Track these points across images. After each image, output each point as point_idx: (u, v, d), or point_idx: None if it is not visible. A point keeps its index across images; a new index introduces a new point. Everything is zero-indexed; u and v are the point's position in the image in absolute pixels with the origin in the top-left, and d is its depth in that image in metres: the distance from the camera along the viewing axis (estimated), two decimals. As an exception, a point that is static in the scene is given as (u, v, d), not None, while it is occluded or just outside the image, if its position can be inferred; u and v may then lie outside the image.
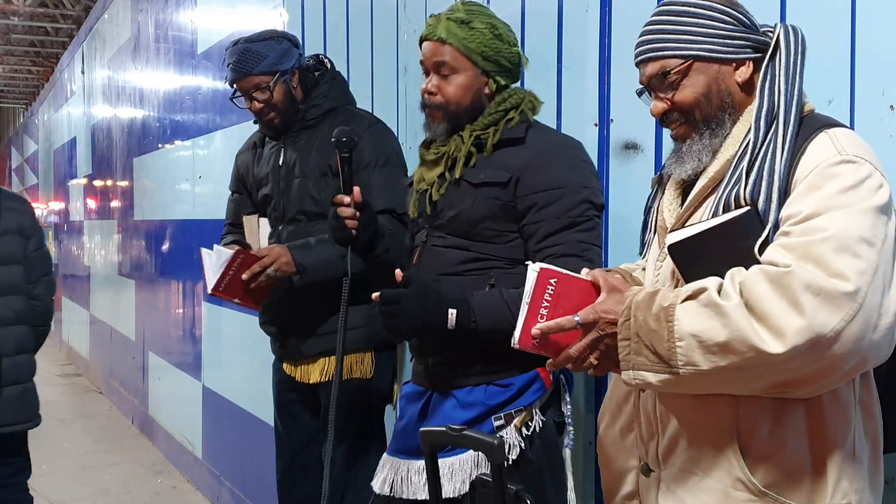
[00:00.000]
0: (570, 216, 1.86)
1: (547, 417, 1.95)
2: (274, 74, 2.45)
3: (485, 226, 1.91)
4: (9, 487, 3.09)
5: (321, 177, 2.45)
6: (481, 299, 1.86)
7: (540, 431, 1.93)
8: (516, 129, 1.93)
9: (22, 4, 10.39)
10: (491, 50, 1.91)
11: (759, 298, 1.20)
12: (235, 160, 2.77)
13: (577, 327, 1.33)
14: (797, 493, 1.31)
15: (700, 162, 1.42)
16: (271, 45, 2.47)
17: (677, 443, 1.40)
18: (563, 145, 1.94)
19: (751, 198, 1.31)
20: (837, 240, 1.20)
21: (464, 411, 1.93)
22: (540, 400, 1.94)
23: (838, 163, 1.26)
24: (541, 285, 1.28)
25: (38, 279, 3.12)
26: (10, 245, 3.02)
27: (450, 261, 1.95)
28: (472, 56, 1.91)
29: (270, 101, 2.47)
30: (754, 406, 1.32)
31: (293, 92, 2.50)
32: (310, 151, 2.49)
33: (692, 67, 1.40)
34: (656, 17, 1.44)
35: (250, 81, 2.46)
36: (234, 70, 2.47)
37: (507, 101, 1.94)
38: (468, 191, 1.93)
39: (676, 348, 1.25)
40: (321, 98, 2.53)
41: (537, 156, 1.90)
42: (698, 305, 1.25)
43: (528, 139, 1.93)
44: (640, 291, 1.33)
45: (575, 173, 1.89)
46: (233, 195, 2.78)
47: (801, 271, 1.19)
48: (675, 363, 1.25)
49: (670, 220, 1.48)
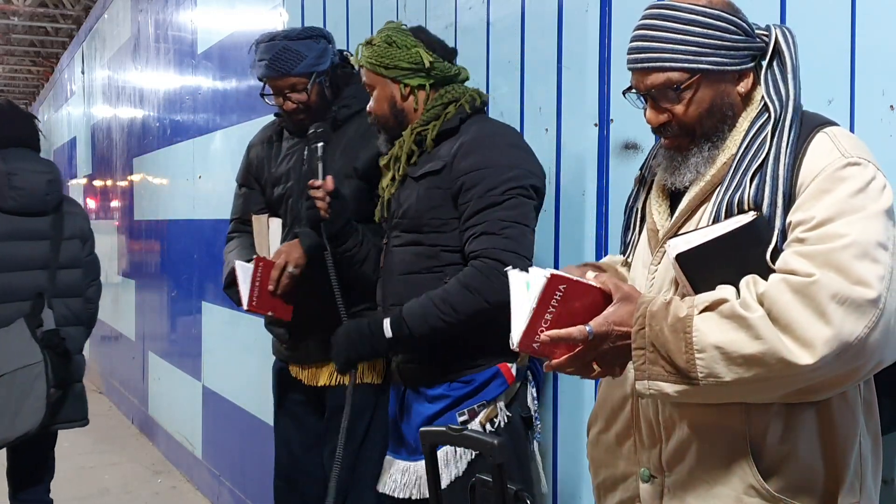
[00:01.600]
0: (493, 195, 1.94)
1: (513, 412, 2.00)
2: (311, 75, 2.38)
3: (431, 216, 2.01)
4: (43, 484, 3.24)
5: (345, 179, 2.37)
6: (409, 305, 1.98)
7: (506, 426, 1.96)
8: (451, 121, 2.05)
9: (22, 4, 10.38)
10: (387, 59, 2.06)
11: (784, 309, 1.19)
12: (247, 152, 2.66)
13: (588, 338, 1.29)
14: (810, 496, 1.30)
15: (698, 173, 1.40)
16: (310, 45, 2.38)
17: (684, 449, 1.38)
18: (494, 132, 2.04)
19: (754, 203, 1.29)
20: (859, 246, 1.19)
21: (430, 405, 2.03)
22: (504, 395, 2.01)
23: (845, 166, 1.25)
24: (548, 291, 1.25)
25: (90, 282, 3.27)
26: (74, 249, 3.18)
27: (406, 260, 2.05)
28: (377, 70, 2.08)
29: (306, 101, 2.40)
30: (765, 411, 1.30)
31: (326, 92, 2.44)
32: (335, 152, 2.42)
33: (699, 82, 1.35)
34: (656, 22, 1.36)
35: (287, 81, 2.38)
36: (271, 68, 2.38)
37: (444, 97, 2.07)
38: (412, 186, 2.05)
39: (696, 360, 1.23)
40: (351, 98, 2.46)
41: (468, 142, 2.00)
42: (719, 317, 1.23)
43: (462, 128, 2.04)
44: (655, 300, 1.29)
45: (502, 155, 1.98)
46: (241, 188, 2.67)
47: (826, 280, 1.18)
48: (695, 375, 1.23)
49: (661, 224, 1.46)
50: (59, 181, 3.19)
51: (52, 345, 2.97)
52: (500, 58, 2.41)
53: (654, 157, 1.52)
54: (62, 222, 3.14)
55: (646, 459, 1.45)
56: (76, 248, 3.18)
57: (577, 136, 2.17)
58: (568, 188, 2.15)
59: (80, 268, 3.19)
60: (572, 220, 2.17)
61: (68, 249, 3.14)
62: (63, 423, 3.12)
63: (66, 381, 3.05)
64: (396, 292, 2.06)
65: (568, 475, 2.20)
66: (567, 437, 2.20)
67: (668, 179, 1.44)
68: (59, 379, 2.99)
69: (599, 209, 2.11)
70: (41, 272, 3.06)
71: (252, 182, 2.62)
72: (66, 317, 3.09)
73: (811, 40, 1.61)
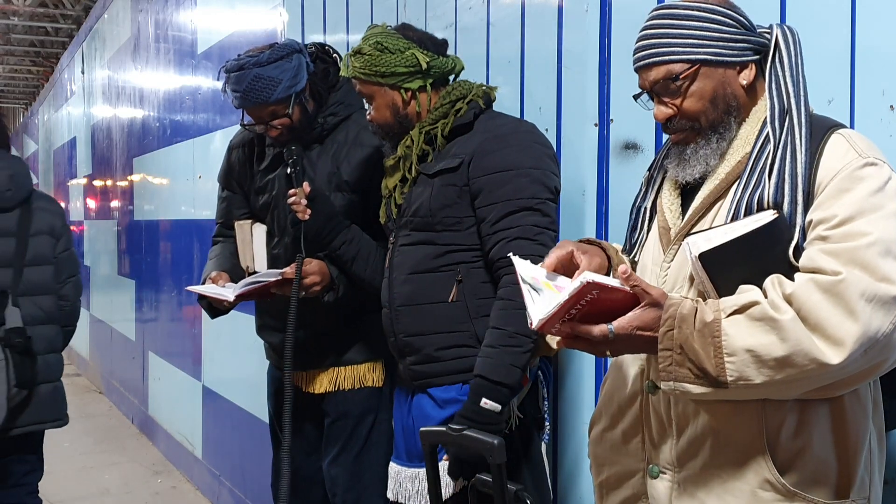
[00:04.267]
0: (523, 198, 1.89)
1: (525, 414, 1.97)
2: (290, 98, 2.26)
3: (444, 214, 1.96)
4: (21, 488, 3.11)
5: (335, 190, 2.32)
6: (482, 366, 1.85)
7: (518, 428, 1.95)
8: (464, 117, 2.00)
9: (22, 4, 10.38)
10: (382, 66, 1.99)
11: (814, 309, 1.20)
12: (228, 153, 2.56)
13: (609, 337, 1.29)
14: (824, 490, 1.32)
15: (708, 165, 1.42)
16: (283, 67, 2.24)
17: (698, 445, 1.38)
18: (513, 128, 1.99)
19: (774, 201, 1.31)
20: (882, 244, 1.21)
21: (441, 410, 1.97)
22: (518, 397, 1.95)
23: (863, 166, 1.28)
24: (581, 292, 1.26)
25: (66, 280, 3.18)
26: (42, 246, 3.09)
27: (417, 258, 2.00)
28: (373, 79, 2.01)
29: (289, 124, 2.30)
30: (780, 406, 1.32)
31: (308, 107, 2.33)
32: (322, 161, 2.36)
33: (699, 72, 1.39)
34: (657, 21, 1.42)
35: (265, 109, 2.27)
36: (247, 100, 2.25)
37: (452, 94, 2.02)
38: (426, 183, 2.00)
39: (726, 364, 1.24)
40: (337, 105, 2.38)
41: (488, 139, 1.95)
42: (749, 320, 1.24)
43: (477, 125, 2.00)
44: (684, 303, 1.29)
45: (526, 155, 1.93)
46: (223, 191, 2.59)
47: (853, 278, 1.20)
48: (724, 378, 1.24)
49: (673, 222, 1.47)
50: (23, 176, 3.08)
51: (12, 344, 2.87)
52: (500, 58, 2.41)
53: (665, 156, 1.54)
54: (30, 219, 3.04)
55: (656, 456, 1.46)
56: (46, 245, 3.08)
57: (577, 136, 2.17)
58: (568, 188, 2.15)
59: (51, 265, 3.09)
60: (572, 220, 2.17)
61: (36, 246, 3.05)
62: (34, 423, 3.01)
63: (31, 381, 2.95)
64: (404, 292, 2.01)
65: (568, 475, 2.20)
66: (567, 438, 2.20)
67: (679, 174, 1.45)
68: (23, 379, 2.90)
69: (599, 209, 2.11)
70: (5, 270, 2.97)
71: (234, 186, 2.55)
72: (35, 315, 3.01)
73: (811, 40, 1.61)
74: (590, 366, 2.11)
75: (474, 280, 1.96)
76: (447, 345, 1.97)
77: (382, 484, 2.18)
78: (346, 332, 2.40)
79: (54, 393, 3.10)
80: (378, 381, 2.42)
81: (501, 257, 1.88)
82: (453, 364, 1.97)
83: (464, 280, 1.95)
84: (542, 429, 2.04)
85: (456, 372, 1.96)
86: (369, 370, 2.40)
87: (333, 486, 2.43)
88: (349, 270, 2.28)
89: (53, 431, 3.18)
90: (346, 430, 2.41)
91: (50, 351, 3.09)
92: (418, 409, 2.03)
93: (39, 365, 3.00)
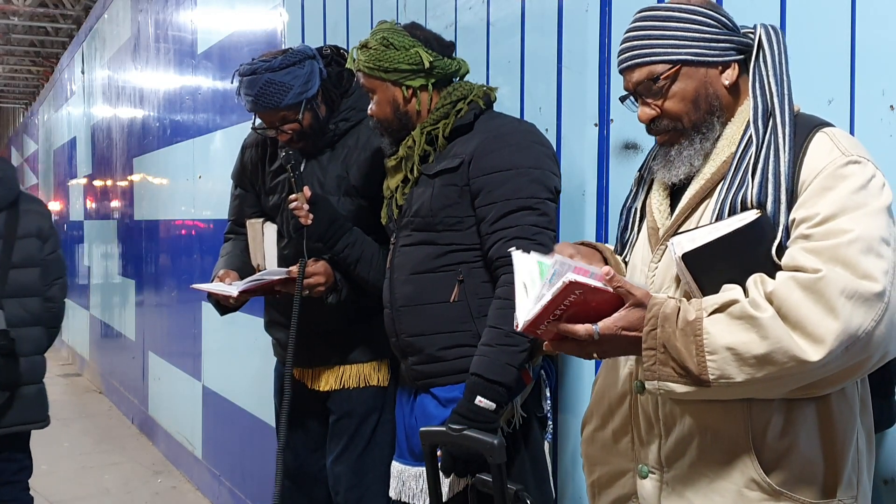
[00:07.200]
0: (522, 198, 1.90)
1: (528, 413, 1.97)
2: (301, 104, 2.28)
3: (445, 213, 1.97)
4: (13, 485, 3.14)
5: (343, 195, 2.34)
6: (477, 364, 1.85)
7: (521, 427, 1.95)
8: (464, 118, 2.01)
9: (22, 4, 10.38)
10: (386, 61, 2.01)
11: (794, 307, 1.20)
12: (241, 152, 2.59)
13: (594, 338, 1.30)
14: (810, 489, 1.32)
15: (692, 166, 1.42)
16: (295, 73, 2.26)
17: (685, 444, 1.39)
18: (513, 128, 2.00)
19: (758, 201, 1.31)
20: (863, 241, 1.21)
21: (444, 409, 1.97)
22: (521, 396, 1.96)
23: (846, 164, 1.27)
24: (565, 292, 1.26)
25: (52, 282, 3.19)
26: (30, 248, 3.10)
27: (418, 259, 2.00)
28: (376, 74, 2.03)
29: (300, 129, 2.32)
30: (767, 406, 1.32)
31: (319, 112, 2.34)
32: (332, 166, 2.37)
33: (680, 72, 1.40)
34: (639, 24, 1.43)
35: (277, 115, 2.30)
36: (258, 104, 2.28)
37: (453, 94, 2.03)
38: (427, 183, 2.00)
39: (707, 362, 1.24)
40: (349, 111, 2.39)
41: (487, 139, 1.96)
42: (730, 318, 1.24)
43: (477, 125, 2.00)
44: (667, 303, 1.30)
45: (525, 155, 1.93)
46: (236, 189, 2.62)
47: (834, 275, 1.20)
48: (706, 377, 1.25)
49: (662, 223, 1.47)
50: (10, 179, 3.09)
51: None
52: (500, 58, 2.41)
53: (653, 157, 1.55)
54: (16, 220, 3.05)
55: (644, 455, 1.46)
56: (33, 247, 3.09)
57: (577, 136, 2.17)
58: (568, 188, 2.15)
59: (38, 267, 3.10)
60: (572, 220, 2.17)
61: (23, 248, 3.06)
62: (17, 424, 3.03)
63: (15, 382, 2.97)
64: (406, 293, 2.02)
65: (567, 473, 2.20)
66: (566, 436, 2.20)
67: (665, 175, 1.46)
68: (6, 380, 2.92)
69: (599, 209, 2.11)
70: None
71: (247, 184, 2.58)
72: (21, 318, 3.01)
73: (811, 40, 1.61)
74: (589, 365, 2.11)
75: (476, 280, 1.97)
76: (449, 345, 1.98)
77: (385, 483, 2.19)
78: (353, 331, 2.41)
79: (39, 394, 3.12)
80: (383, 381, 2.43)
81: (500, 256, 1.88)
82: (456, 364, 1.97)
83: (465, 280, 1.96)
84: (544, 427, 2.04)
85: (458, 371, 1.96)
86: (374, 369, 2.41)
87: (336, 484, 2.43)
88: (353, 273, 2.29)
89: (53, 431, 3.21)
90: (350, 429, 2.42)
91: (36, 352, 3.10)
92: (421, 409, 2.03)
93: (26, 366, 3.02)
